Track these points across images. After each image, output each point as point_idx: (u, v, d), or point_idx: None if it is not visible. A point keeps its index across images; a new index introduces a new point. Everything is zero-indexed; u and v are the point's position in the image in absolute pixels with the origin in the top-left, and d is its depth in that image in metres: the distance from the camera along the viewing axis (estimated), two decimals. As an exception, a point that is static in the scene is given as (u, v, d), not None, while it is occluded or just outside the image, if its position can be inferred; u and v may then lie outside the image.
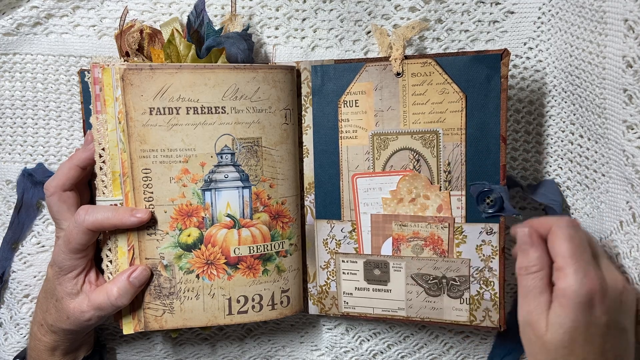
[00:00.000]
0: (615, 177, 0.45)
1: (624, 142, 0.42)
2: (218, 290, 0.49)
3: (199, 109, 0.47)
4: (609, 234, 0.46)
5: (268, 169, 0.50)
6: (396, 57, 0.48)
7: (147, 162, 0.47)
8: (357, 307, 0.53)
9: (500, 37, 0.52)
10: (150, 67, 0.46)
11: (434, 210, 0.50)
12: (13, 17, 0.54)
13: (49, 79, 0.56)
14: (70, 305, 0.48)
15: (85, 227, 0.46)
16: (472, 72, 0.47)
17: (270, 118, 0.49)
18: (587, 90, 0.46)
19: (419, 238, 0.50)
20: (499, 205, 0.48)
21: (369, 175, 0.51)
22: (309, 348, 0.62)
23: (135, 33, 0.49)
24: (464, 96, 0.47)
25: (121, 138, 0.47)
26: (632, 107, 0.41)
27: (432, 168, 0.49)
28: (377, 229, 0.51)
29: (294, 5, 0.54)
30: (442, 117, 0.48)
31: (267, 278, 0.50)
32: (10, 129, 0.57)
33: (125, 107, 0.46)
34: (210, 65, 0.47)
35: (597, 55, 0.44)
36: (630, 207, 0.44)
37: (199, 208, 0.48)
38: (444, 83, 0.48)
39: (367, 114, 0.50)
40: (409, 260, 0.51)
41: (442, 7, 0.52)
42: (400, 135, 0.50)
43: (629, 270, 0.43)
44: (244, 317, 0.50)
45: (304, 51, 0.55)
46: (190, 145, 0.47)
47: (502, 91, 0.46)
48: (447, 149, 0.49)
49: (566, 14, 0.49)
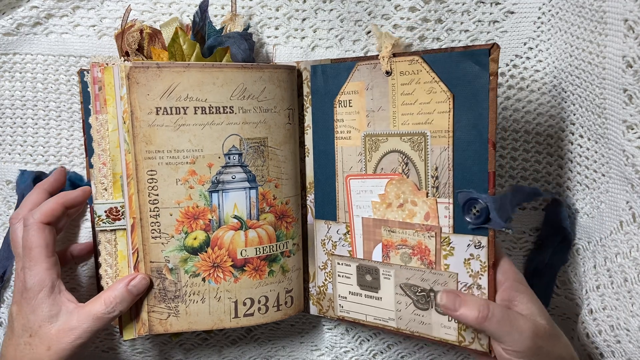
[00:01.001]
0: (615, 177, 0.45)
1: (624, 142, 0.42)
2: (224, 293, 0.49)
3: (207, 108, 0.46)
4: (609, 234, 0.46)
5: (274, 169, 0.49)
6: (384, 55, 0.46)
7: (152, 164, 0.46)
8: (351, 312, 0.52)
9: (500, 37, 0.52)
10: (157, 66, 0.45)
11: (422, 217, 0.46)
12: (13, 17, 0.54)
13: (49, 79, 0.56)
14: (51, 331, 0.45)
15: (38, 221, 0.46)
16: (459, 69, 0.43)
17: (276, 118, 0.49)
18: (587, 90, 0.46)
19: (407, 246, 0.47)
20: (484, 216, 0.43)
21: (361, 177, 0.49)
22: (309, 348, 0.62)
23: (135, 33, 0.49)
24: (451, 96, 0.43)
25: (126, 139, 0.46)
26: (632, 107, 0.41)
27: (420, 172, 0.46)
28: (368, 233, 0.49)
29: (294, 5, 0.54)
30: (429, 118, 0.45)
31: (272, 279, 0.50)
32: (10, 129, 0.57)
33: (130, 107, 0.45)
34: (218, 64, 0.46)
35: (597, 55, 0.44)
36: (630, 207, 0.44)
37: (205, 210, 0.47)
38: (431, 82, 0.44)
39: (360, 115, 0.48)
40: (397, 269, 0.48)
41: (442, 7, 0.52)
42: (390, 136, 0.47)
43: (629, 270, 0.43)
44: (250, 320, 0.50)
45: (304, 51, 0.55)
46: (197, 146, 0.46)
47: (491, 90, 0.41)
48: (435, 153, 0.45)
49: (566, 14, 0.49)
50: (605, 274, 0.48)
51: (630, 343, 0.45)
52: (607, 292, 0.47)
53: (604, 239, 0.47)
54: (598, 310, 0.48)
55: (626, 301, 0.45)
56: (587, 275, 0.51)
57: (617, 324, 0.46)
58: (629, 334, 0.45)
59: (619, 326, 0.46)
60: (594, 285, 0.49)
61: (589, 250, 0.51)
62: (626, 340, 0.45)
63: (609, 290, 0.47)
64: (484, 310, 0.42)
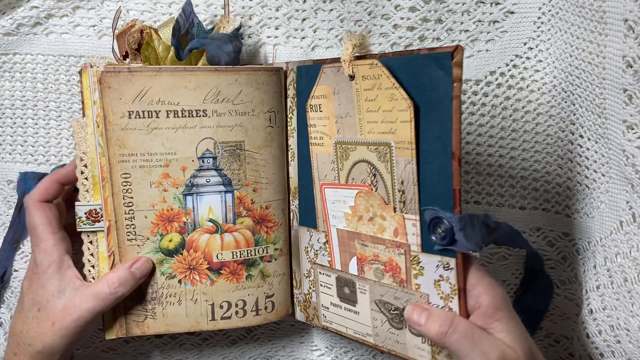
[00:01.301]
0: (615, 177, 0.45)
1: (624, 142, 0.42)
2: (201, 295, 0.49)
3: (180, 112, 0.46)
4: (609, 234, 0.46)
5: (251, 173, 0.49)
6: (344, 58, 0.42)
7: (126, 167, 0.46)
8: (333, 323, 0.49)
9: (500, 37, 0.52)
10: (128, 70, 0.45)
11: (391, 233, 0.42)
12: (13, 17, 0.54)
13: (49, 79, 0.56)
14: (58, 307, 0.46)
15: (35, 201, 0.48)
16: (423, 74, 0.38)
17: (254, 121, 0.48)
18: (587, 90, 0.46)
19: (379, 262, 0.44)
20: (449, 237, 0.39)
21: (334, 186, 0.46)
22: (309, 348, 0.62)
23: (135, 33, 0.49)
24: (412, 104, 0.39)
25: (100, 142, 0.46)
26: (632, 107, 0.41)
27: (387, 185, 0.42)
28: (344, 245, 0.46)
29: (294, 5, 0.54)
30: (393, 127, 0.40)
31: (250, 283, 0.50)
32: (10, 129, 0.57)
33: (103, 111, 0.45)
34: (190, 68, 0.46)
35: (597, 55, 0.44)
36: (630, 207, 0.44)
37: (180, 213, 0.47)
38: (391, 88, 0.39)
39: (330, 120, 0.45)
40: (372, 284, 0.45)
41: (442, 7, 0.52)
42: (358, 145, 0.43)
43: (629, 270, 0.43)
44: (227, 323, 0.50)
45: (304, 51, 0.55)
46: (170, 150, 0.46)
47: (454, 98, 0.36)
48: (400, 165, 0.41)
49: (566, 14, 0.49)
50: (605, 274, 0.48)
51: (630, 343, 0.45)
52: (607, 292, 0.47)
53: (604, 239, 0.47)
54: (598, 310, 0.48)
55: (626, 301, 0.45)
56: (587, 275, 0.51)
57: (617, 324, 0.46)
58: (629, 334, 0.45)
59: (619, 326, 0.46)
60: (594, 285, 0.49)
61: (589, 250, 0.51)
62: (626, 340, 0.45)
63: (609, 290, 0.47)
64: (445, 325, 0.39)
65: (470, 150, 0.54)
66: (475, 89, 0.53)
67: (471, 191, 0.55)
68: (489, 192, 0.55)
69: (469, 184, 0.55)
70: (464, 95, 0.53)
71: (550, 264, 0.55)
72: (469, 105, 0.53)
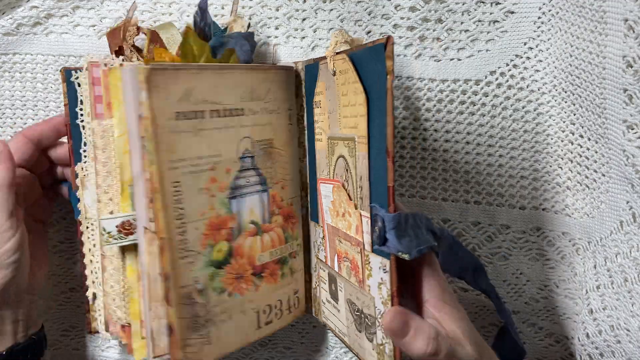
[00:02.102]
0: (615, 177, 0.45)
1: (624, 142, 0.42)
2: (248, 304, 0.46)
3: (222, 111, 0.43)
4: (609, 234, 0.46)
5: (280, 171, 0.48)
6: (327, 53, 0.43)
7: (176, 174, 0.41)
8: (328, 319, 0.49)
9: (500, 37, 0.52)
10: (174, 67, 0.40)
11: (354, 230, 0.42)
12: (13, 17, 0.54)
13: (49, 79, 0.56)
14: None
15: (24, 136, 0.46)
16: (370, 68, 0.37)
17: (280, 119, 0.48)
18: (587, 90, 0.46)
19: (348, 259, 0.43)
20: (382, 236, 0.37)
21: (324, 181, 0.47)
22: (309, 349, 0.62)
23: (132, 28, 0.48)
24: (366, 98, 0.38)
25: (148, 148, 0.40)
26: (632, 107, 0.41)
27: (353, 181, 0.42)
28: (331, 240, 0.46)
29: (294, 5, 0.54)
30: (356, 121, 0.40)
31: (284, 282, 0.49)
32: (10, 129, 0.57)
33: (151, 113, 0.39)
34: (229, 66, 0.45)
35: (597, 55, 0.44)
36: (630, 207, 0.44)
37: (227, 219, 0.44)
38: (354, 82, 0.39)
39: (325, 116, 0.45)
40: (345, 282, 0.44)
41: (442, 7, 0.52)
42: (339, 140, 0.43)
43: (629, 270, 0.43)
44: (270, 327, 0.48)
45: (304, 51, 0.55)
46: (215, 151, 0.43)
47: (387, 91, 0.35)
48: (360, 160, 0.40)
49: (566, 14, 0.49)
50: (605, 274, 0.48)
51: (630, 343, 0.45)
52: (607, 292, 0.48)
53: (604, 239, 0.47)
54: (598, 310, 0.48)
55: (626, 301, 0.45)
56: (587, 275, 0.51)
57: (617, 324, 0.46)
58: (629, 334, 0.45)
59: (619, 326, 0.46)
60: (594, 285, 0.49)
61: (589, 250, 0.51)
62: (626, 340, 0.45)
63: (609, 290, 0.47)
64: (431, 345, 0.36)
65: (471, 150, 0.54)
66: (475, 89, 0.53)
67: (471, 191, 0.55)
68: (489, 192, 0.55)
69: (469, 184, 0.55)
70: (464, 95, 0.53)
71: (550, 263, 0.56)
72: (469, 105, 0.53)
